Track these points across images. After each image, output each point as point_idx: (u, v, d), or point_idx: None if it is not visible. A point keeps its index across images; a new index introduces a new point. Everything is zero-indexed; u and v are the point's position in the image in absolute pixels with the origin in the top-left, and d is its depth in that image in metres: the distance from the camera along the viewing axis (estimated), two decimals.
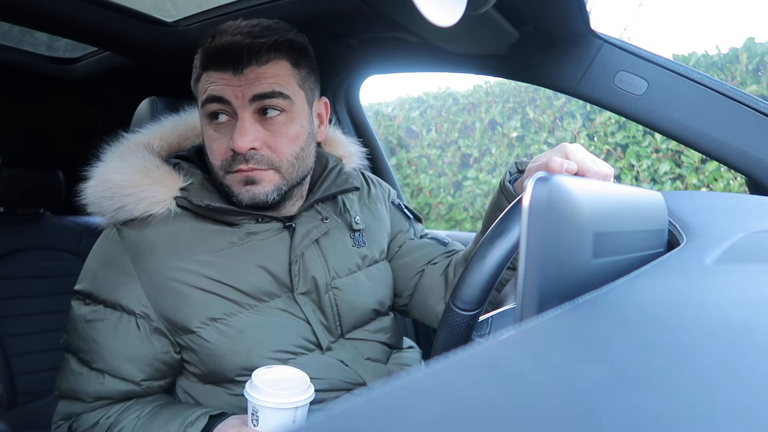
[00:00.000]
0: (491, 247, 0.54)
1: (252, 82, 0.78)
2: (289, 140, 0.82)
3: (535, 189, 0.31)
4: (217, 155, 0.82)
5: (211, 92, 0.79)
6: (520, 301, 0.31)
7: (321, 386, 0.80)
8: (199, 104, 0.83)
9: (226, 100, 0.79)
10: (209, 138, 0.83)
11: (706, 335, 0.23)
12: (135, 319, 0.79)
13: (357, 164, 1.05)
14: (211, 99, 0.80)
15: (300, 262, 0.86)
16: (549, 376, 0.19)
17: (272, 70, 0.80)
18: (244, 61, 0.78)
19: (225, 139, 0.81)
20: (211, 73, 0.80)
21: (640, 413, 0.16)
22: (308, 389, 0.69)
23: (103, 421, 0.78)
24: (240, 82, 0.79)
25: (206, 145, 0.84)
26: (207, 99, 0.80)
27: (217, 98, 0.79)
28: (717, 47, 2.56)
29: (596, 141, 2.97)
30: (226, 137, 0.81)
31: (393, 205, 1.07)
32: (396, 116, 3.93)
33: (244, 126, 0.78)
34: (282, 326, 0.83)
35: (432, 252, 1.01)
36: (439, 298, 0.96)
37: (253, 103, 0.79)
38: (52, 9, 1.10)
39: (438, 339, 0.57)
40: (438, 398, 0.18)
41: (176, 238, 0.82)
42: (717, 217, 0.55)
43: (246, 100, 0.79)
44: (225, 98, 0.79)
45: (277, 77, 0.80)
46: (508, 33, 1.01)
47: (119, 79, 1.60)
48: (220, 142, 0.81)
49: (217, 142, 0.82)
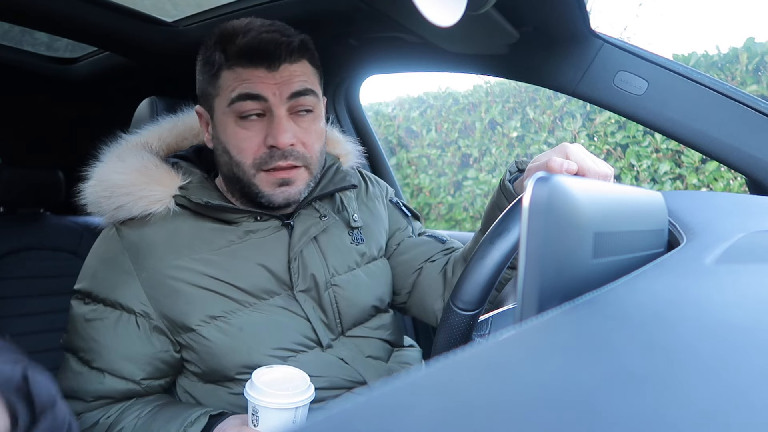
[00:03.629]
0: (491, 247, 0.54)
1: (287, 79, 0.79)
2: (317, 137, 0.84)
3: (535, 189, 0.31)
4: (249, 153, 0.80)
5: (245, 90, 0.78)
6: (520, 301, 0.31)
7: (321, 384, 0.80)
8: (225, 102, 0.80)
9: (263, 98, 0.78)
10: (237, 136, 0.80)
11: (706, 335, 0.23)
12: (135, 318, 0.79)
13: (354, 162, 1.05)
14: (245, 96, 0.78)
15: (299, 260, 0.86)
16: (549, 376, 0.19)
17: (301, 69, 0.81)
18: (281, 58, 0.78)
19: (257, 137, 0.80)
20: (239, 70, 0.78)
21: (640, 413, 0.16)
22: (308, 389, 0.69)
23: (103, 420, 0.78)
24: (275, 79, 0.78)
25: (229, 143, 0.81)
26: (240, 96, 0.78)
27: (252, 95, 0.78)
28: (717, 47, 2.56)
29: (596, 141, 2.97)
30: (258, 135, 0.80)
31: (391, 203, 1.07)
32: (396, 116, 3.94)
33: (283, 123, 0.78)
34: (282, 324, 0.83)
35: (430, 249, 1.01)
36: (438, 295, 0.96)
37: (289, 100, 0.79)
38: (52, 9, 1.10)
39: (438, 339, 0.57)
40: (438, 398, 0.18)
41: (175, 237, 0.82)
42: (717, 217, 0.55)
43: (284, 97, 0.79)
44: (262, 95, 0.78)
45: (305, 75, 0.81)
46: (508, 33, 1.01)
47: (119, 79, 1.60)
48: (251, 140, 0.80)
49: (248, 140, 0.80)
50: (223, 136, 0.82)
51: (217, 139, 0.83)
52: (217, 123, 0.82)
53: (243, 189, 0.84)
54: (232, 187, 0.87)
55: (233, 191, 0.87)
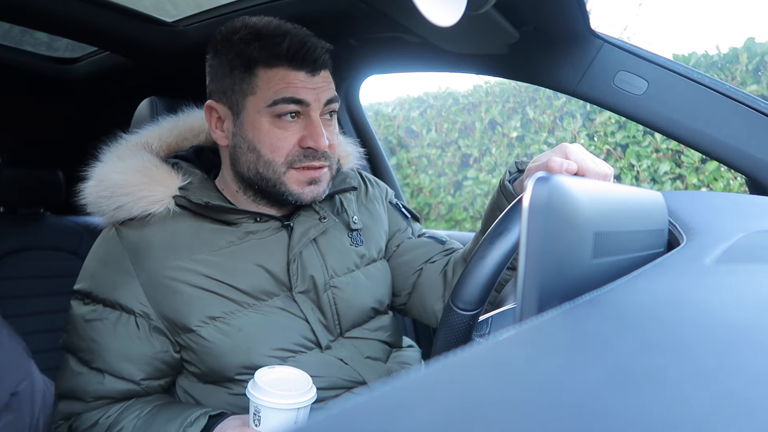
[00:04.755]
0: (491, 247, 0.54)
1: (323, 86, 0.82)
2: (338, 141, 0.88)
3: (535, 189, 0.31)
4: (283, 152, 0.81)
5: (290, 93, 0.79)
6: (520, 301, 0.31)
7: (321, 384, 0.80)
8: (263, 102, 0.79)
9: (306, 102, 0.80)
10: (273, 135, 0.81)
11: (706, 335, 0.23)
12: (134, 319, 0.79)
13: (354, 164, 1.06)
14: (289, 100, 0.79)
15: (298, 261, 0.86)
16: (549, 376, 0.19)
17: (329, 75, 0.84)
18: (323, 64, 0.81)
19: (293, 137, 0.81)
20: (282, 71, 0.79)
21: (640, 413, 0.16)
22: (311, 390, 0.69)
23: (103, 420, 0.78)
24: (314, 84, 0.80)
25: (262, 142, 0.81)
26: (284, 99, 0.79)
27: (297, 100, 0.79)
28: (717, 47, 2.56)
29: (596, 141, 2.97)
30: (294, 135, 0.81)
31: (391, 205, 1.08)
32: (396, 116, 3.93)
33: (321, 127, 0.81)
34: (281, 325, 0.83)
35: (430, 251, 1.02)
36: (438, 296, 0.97)
37: (325, 105, 0.82)
38: (52, 9, 1.10)
39: (438, 339, 0.57)
40: (438, 398, 0.18)
41: (175, 238, 0.82)
42: (717, 217, 0.55)
43: (321, 102, 0.81)
44: (305, 100, 0.80)
45: (332, 82, 0.84)
46: (508, 33, 1.01)
47: (119, 79, 1.60)
48: (287, 140, 0.81)
49: (285, 140, 0.81)
50: (253, 133, 0.81)
51: (242, 137, 0.82)
52: (247, 121, 0.82)
53: (266, 187, 0.83)
54: (245, 187, 0.86)
55: (244, 191, 0.87)
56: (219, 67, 0.83)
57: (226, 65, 0.82)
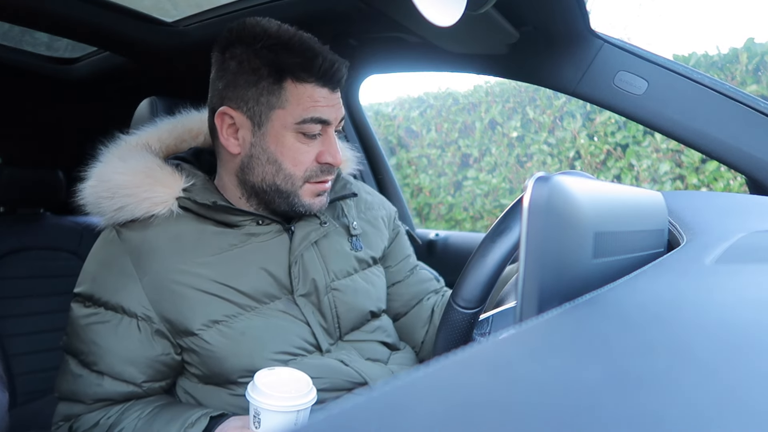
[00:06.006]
0: (492, 246, 0.54)
1: (338, 103, 0.84)
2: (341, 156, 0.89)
3: (535, 189, 0.31)
4: (303, 166, 0.83)
5: (318, 114, 0.80)
6: (520, 300, 0.31)
7: (321, 386, 0.79)
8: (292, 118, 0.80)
9: (329, 122, 0.82)
10: (297, 150, 0.82)
11: (706, 335, 0.23)
12: (136, 322, 0.79)
13: (353, 168, 1.08)
14: (317, 120, 0.80)
15: (299, 264, 0.86)
16: (549, 376, 0.19)
17: None
18: (342, 81, 0.83)
19: (313, 152, 0.83)
20: (311, 89, 0.80)
21: (640, 413, 0.16)
22: (311, 392, 0.69)
23: (104, 421, 0.78)
24: (332, 101, 0.82)
25: (284, 155, 0.82)
26: (312, 119, 0.80)
27: (323, 120, 0.81)
28: (717, 47, 2.56)
29: (596, 141, 2.97)
30: (314, 150, 0.83)
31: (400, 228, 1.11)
32: (396, 116, 3.93)
33: (337, 144, 0.85)
34: (283, 328, 0.82)
35: (428, 287, 1.08)
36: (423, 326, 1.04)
37: (339, 123, 0.85)
38: (52, 9, 1.10)
39: (439, 337, 0.57)
40: (438, 398, 0.18)
41: (178, 240, 0.81)
42: (717, 217, 0.55)
43: (337, 120, 0.84)
44: (329, 120, 0.82)
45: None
46: (508, 33, 1.01)
47: (119, 79, 1.60)
48: (308, 154, 0.83)
49: (306, 154, 0.83)
50: (275, 146, 0.82)
51: (261, 148, 0.82)
52: (271, 133, 0.81)
53: (278, 198, 0.85)
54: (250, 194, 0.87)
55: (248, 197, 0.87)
56: (239, 74, 0.80)
57: (248, 73, 0.79)
